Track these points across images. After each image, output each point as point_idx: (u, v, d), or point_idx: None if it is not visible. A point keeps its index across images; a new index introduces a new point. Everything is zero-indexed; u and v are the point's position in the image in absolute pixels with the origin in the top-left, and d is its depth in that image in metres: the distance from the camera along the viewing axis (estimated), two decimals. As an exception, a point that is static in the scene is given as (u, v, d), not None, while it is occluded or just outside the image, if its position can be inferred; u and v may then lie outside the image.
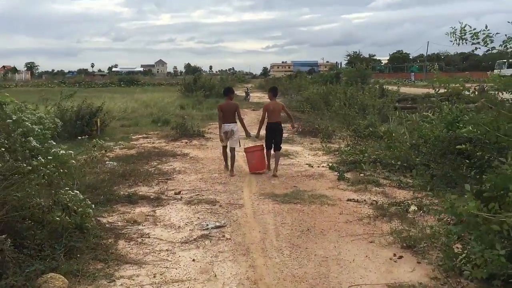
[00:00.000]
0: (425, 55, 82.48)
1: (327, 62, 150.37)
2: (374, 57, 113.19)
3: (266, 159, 9.21)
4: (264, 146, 9.25)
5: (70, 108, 13.67)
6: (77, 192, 5.13)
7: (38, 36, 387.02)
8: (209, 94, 32.50)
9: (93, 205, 5.26)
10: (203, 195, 7.29)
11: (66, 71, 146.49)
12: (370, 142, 11.33)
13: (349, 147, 11.07)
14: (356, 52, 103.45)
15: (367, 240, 5.34)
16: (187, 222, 6.02)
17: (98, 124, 13.79)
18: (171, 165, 9.52)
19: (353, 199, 7.02)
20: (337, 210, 6.50)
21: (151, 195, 7.24)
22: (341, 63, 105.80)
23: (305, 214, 6.34)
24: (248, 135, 9.56)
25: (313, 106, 20.41)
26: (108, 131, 14.66)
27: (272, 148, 9.20)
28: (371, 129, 13.37)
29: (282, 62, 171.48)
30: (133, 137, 14.05)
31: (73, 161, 5.01)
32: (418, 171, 7.33)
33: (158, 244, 5.25)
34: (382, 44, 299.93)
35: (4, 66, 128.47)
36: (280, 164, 9.28)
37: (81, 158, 6.53)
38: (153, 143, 12.88)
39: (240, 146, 9.28)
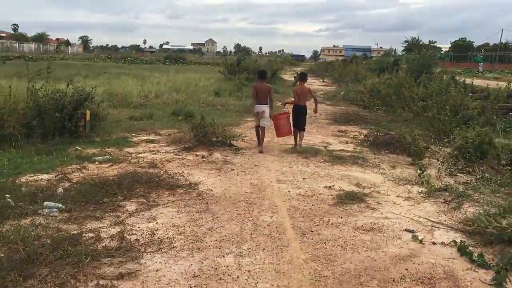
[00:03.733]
0: (499, 42, 74.05)
1: (381, 47, 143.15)
2: (435, 44, 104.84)
3: (293, 133, 9.82)
4: (290, 113, 9.94)
5: (47, 92, 9.72)
6: None
7: (97, 11, 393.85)
8: (253, 77, 28.27)
9: None
10: None
11: (119, 46, 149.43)
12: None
13: (471, 187, 6.55)
14: (415, 38, 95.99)
15: None
16: None
17: (87, 117, 9.80)
18: (154, 218, 5.21)
19: None
20: None
21: None
22: (395, 49, 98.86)
23: None
24: (271, 115, 9.70)
25: (382, 102, 15.69)
26: (105, 127, 10.66)
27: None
28: (484, 146, 8.90)
29: (334, 46, 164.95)
30: (134, 139, 9.97)
31: None
32: None
33: None
34: (439, 31, 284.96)
35: (57, 39, 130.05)
36: (359, 231, 4.94)
37: None
38: (155, 152, 8.74)
39: (269, 125, 9.85)
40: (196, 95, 18.53)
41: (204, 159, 8.22)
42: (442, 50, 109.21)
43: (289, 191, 6.49)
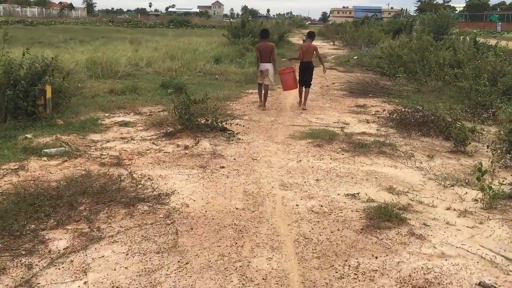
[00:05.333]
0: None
1: (392, 8, 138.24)
2: (449, 3, 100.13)
3: (298, 90, 9.98)
4: (295, 69, 10.18)
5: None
6: None
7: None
8: (258, 41, 25.99)
9: None
10: None
11: (125, 10, 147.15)
12: None
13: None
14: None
15: None
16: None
17: (48, 94, 7.91)
18: (85, 270, 3.25)
19: None
20: None
21: None
22: (406, 9, 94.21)
23: None
24: (275, 73, 9.74)
25: (404, 69, 13.56)
26: (73, 106, 8.77)
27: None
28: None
29: (343, 7, 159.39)
30: (106, 121, 8.08)
31: None
32: None
33: None
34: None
35: (60, 2, 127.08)
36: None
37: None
38: (128, 141, 6.86)
39: (273, 83, 9.94)
40: (194, 63, 16.48)
41: (187, 151, 6.33)
42: (457, 10, 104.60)
43: (297, 205, 4.63)
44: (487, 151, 6.76)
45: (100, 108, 8.99)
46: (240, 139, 7.06)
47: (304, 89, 9.87)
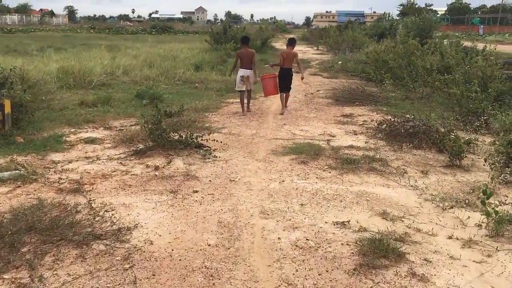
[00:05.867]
0: (501, 3, 70.67)
1: (374, 12, 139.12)
2: (431, 7, 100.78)
3: (279, 96, 10.05)
4: (277, 74, 10.03)
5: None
6: None
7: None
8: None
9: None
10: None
11: (107, 16, 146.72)
12: None
13: None
14: (410, 1, 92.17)
15: None
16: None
17: (7, 109, 7.20)
18: None
19: None
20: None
21: None
22: (389, 13, 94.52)
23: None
24: (255, 79, 9.88)
25: (390, 74, 13.08)
26: (37, 120, 8.07)
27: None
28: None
29: (326, 11, 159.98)
30: (71, 137, 7.38)
31: None
32: None
33: None
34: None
35: (41, 9, 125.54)
36: None
37: None
38: (92, 161, 6.18)
39: (252, 88, 9.90)
40: (173, 70, 15.82)
41: (157, 173, 5.69)
42: (438, 13, 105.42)
43: (279, 238, 4.03)
44: (484, 165, 6.27)
45: (67, 123, 8.30)
46: (217, 156, 6.43)
47: (285, 94, 10.04)
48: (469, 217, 4.59)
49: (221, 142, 6.89)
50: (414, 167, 6.27)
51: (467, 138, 6.89)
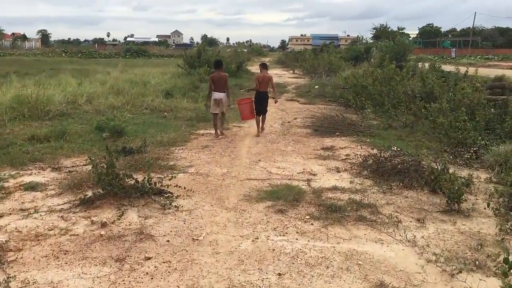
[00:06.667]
0: (472, 27, 72.15)
1: (348, 36, 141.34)
2: (403, 31, 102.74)
3: (255, 120, 10.19)
4: (253, 99, 10.32)
5: None
6: None
7: (58, 4, 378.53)
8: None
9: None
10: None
11: (82, 40, 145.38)
12: None
13: None
14: (383, 25, 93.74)
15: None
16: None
17: None
18: None
19: None
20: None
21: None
22: (362, 36, 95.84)
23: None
24: (229, 102, 10.11)
25: (370, 101, 12.39)
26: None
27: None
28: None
29: (301, 35, 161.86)
30: (10, 182, 6.30)
31: None
32: None
33: None
34: (405, 17, 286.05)
35: (13, 33, 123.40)
36: None
37: None
38: (28, 215, 5.10)
39: (226, 110, 10.05)
40: (141, 98, 14.84)
41: (104, 231, 4.67)
42: (411, 37, 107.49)
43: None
44: (485, 208, 5.49)
45: (10, 162, 7.22)
46: (179, 206, 5.44)
47: (261, 117, 10.28)
48: (474, 275, 3.73)
49: (184, 188, 5.89)
50: (408, 214, 5.42)
51: (465, 177, 6.10)
